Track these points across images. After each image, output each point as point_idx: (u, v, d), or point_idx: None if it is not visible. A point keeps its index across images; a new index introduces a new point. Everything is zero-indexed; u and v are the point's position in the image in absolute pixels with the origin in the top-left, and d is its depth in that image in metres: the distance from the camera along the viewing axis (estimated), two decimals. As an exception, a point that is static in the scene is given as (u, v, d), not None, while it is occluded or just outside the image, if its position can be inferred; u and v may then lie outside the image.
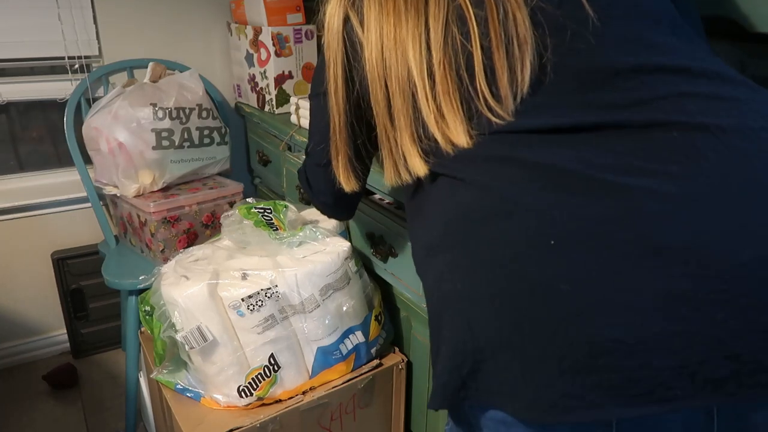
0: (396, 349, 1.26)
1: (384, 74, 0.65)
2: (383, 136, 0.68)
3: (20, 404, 1.70)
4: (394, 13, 0.63)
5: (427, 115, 0.62)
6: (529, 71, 0.58)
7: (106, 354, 1.93)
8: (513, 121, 0.58)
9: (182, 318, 1.01)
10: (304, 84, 1.72)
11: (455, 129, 0.61)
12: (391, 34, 0.63)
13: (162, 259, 1.48)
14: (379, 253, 1.17)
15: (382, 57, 0.64)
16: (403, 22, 0.62)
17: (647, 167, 0.52)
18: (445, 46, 0.61)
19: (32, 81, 1.70)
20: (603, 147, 0.54)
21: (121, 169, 1.50)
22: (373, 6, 0.64)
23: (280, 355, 1.06)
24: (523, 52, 0.58)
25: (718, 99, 0.55)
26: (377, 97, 0.66)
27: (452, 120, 0.61)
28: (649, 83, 0.56)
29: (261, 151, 1.81)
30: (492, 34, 0.59)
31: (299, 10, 1.66)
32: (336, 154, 0.77)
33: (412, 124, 0.64)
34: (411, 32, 0.62)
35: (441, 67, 0.61)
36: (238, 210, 1.15)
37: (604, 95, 0.56)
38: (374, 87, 0.66)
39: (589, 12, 0.57)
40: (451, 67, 0.61)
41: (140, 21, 1.76)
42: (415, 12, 0.62)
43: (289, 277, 1.04)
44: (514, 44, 0.58)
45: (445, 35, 0.61)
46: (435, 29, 0.61)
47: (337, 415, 1.15)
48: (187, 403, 1.09)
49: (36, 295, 1.85)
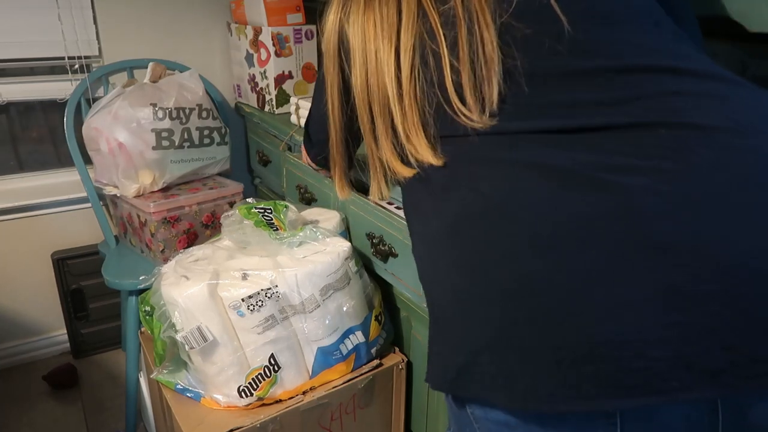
0: (396, 349, 1.26)
1: (368, 99, 0.69)
2: (370, 155, 0.74)
3: (20, 404, 1.70)
4: (374, 39, 0.66)
5: (401, 136, 0.67)
6: (496, 89, 0.59)
7: (106, 354, 1.93)
8: (497, 125, 0.60)
9: (182, 318, 1.01)
10: (304, 84, 1.72)
11: (422, 151, 0.65)
12: (372, 62, 0.67)
13: (162, 259, 1.48)
14: (380, 253, 1.17)
15: (366, 83, 0.68)
16: (380, 50, 0.66)
17: (638, 165, 0.53)
18: (412, 72, 0.64)
19: (32, 81, 1.70)
20: (593, 146, 0.55)
21: (121, 169, 1.50)
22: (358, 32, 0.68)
23: (280, 356, 1.06)
24: (489, 71, 0.60)
25: (707, 97, 0.55)
26: (363, 119, 0.71)
27: (418, 143, 0.65)
28: (636, 83, 0.56)
29: (261, 151, 1.81)
30: (460, 53, 0.61)
31: (299, 10, 1.66)
32: (333, 165, 0.83)
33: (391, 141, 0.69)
34: (385, 60, 0.65)
35: (408, 96, 0.65)
36: (238, 210, 1.15)
37: (591, 95, 0.57)
38: (361, 110, 0.70)
39: (564, 24, 0.58)
40: (417, 94, 0.64)
41: (140, 21, 1.76)
42: (388, 40, 0.65)
43: (289, 277, 1.04)
44: (480, 63, 0.60)
45: (413, 62, 0.64)
46: (404, 57, 0.64)
47: (337, 415, 1.15)
48: (187, 403, 1.09)
49: (36, 295, 1.85)
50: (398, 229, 1.11)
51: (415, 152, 0.65)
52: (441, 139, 0.65)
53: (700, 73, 0.57)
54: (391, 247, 1.15)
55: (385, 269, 1.20)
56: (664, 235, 0.50)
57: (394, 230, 1.13)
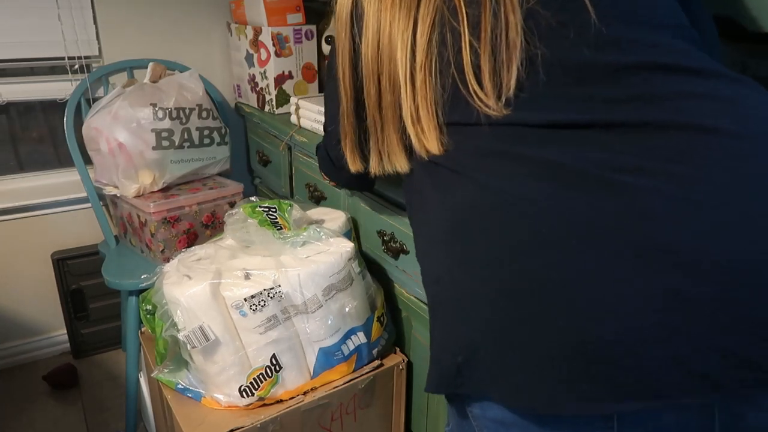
0: (397, 350, 1.26)
1: (378, 70, 0.66)
2: (372, 127, 0.71)
3: (20, 404, 1.70)
4: (391, 9, 0.64)
5: (405, 116, 0.64)
6: (515, 75, 0.58)
7: (106, 354, 1.93)
8: (510, 115, 0.58)
9: (184, 317, 1.01)
10: (304, 84, 1.72)
11: (429, 134, 0.63)
12: (386, 32, 0.64)
13: (162, 259, 1.48)
14: (390, 250, 1.17)
15: (378, 54, 0.66)
16: (396, 21, 0.63)
17: (647, 166, 0.52)
18: (429, 48, 0.61)
19: (32, 81, 1.70)
20: (603, 144, 0.55)
21: (121, 170, 1.50)
22: (373, 1, 0.66)
23: (281, 356, 1.06)
24: (510, 56, 0.58)
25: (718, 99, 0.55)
26: (369, 91, 0.69)
27: (427, 124, 0.63)
28: (649, 81, 0.56)
29: (261, 152, 1.81)
30: (482, 35, 0.59)
31: (299, 10, 1.66)
32: (344, 136, 0.80)
33: (398, 120, 0.67)
34: (401, 32, 0.62)
35: (422, 71, 0.62)
36: (242, 208, 1.15)
37: (607, 91, 0.56)
38: (368, 81, 0.68)
39: (591, 17, 0.57)
40: (433, 71, 0.62)
41: (140, 21, 1.76)
42: (407, 11, 0.62)
43: (292, 277, 1.04)
44: (502, 47, 0.58)
45: (430, 36, 0.61)
46: (422, 31, 0.61)
47: (338, 416, 1.15)
48: (188, 403, 1.09)
49: (36, 296, 1.85)
50: (409, 226, 1.11)
51: (421, 135, 0.63)
52: (448, 126, 0.63)
53: (712, 75, 0.57)
54: (402, 244, 1.15)
55: (396, 266, 1.20)
56: (666, 236, 0.50)
57: (405, 227, 1.13)
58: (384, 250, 1.21)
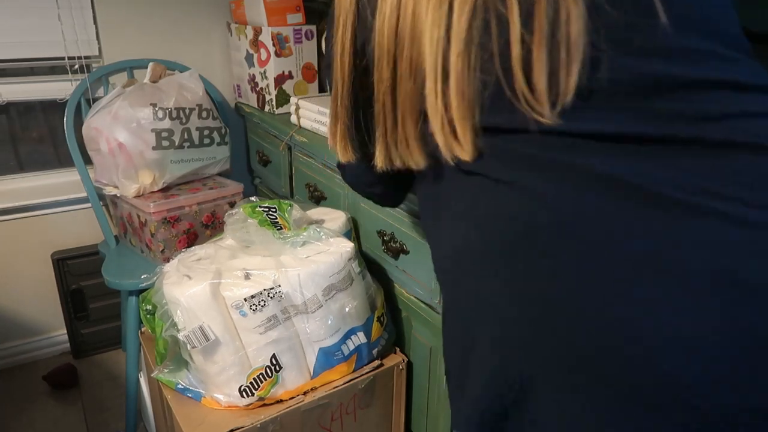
0: (397, 350, 1.26)
1: (394, 51, 0.56)
2: (380, 116, 0.60)
3: (20, 404, 1.70)
4: None
5: (432, 114, 0.54)
6: (574, 79, 0.49)
7: (106, 354, 1.93)
8: (563, 123, 0.50)
9: (184, 317, 1.01)
10: (304, 84, 1.72)
11: (463, 138, 0.53)
12: (409, 5, 0.53)
13: (162, 259, 1.48)
14: (391, 250, 1.17)
15: (396, 31, 0.55)
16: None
17: (721, 191, 0.47)
18: (468, 35, 0.51)
19: (32, 81, 1.70)
20: (670, 162, 0.48)
21: (121, 170, 1.50)
22: None
23: (281, 356, 1.06)
24: (571, 56, 0.48)
25: None
26: (382, 74, 0.58)
27: (461, 127, 0.53)
28: (720, 99, 0.49)
29: (261, 152, 1.81)
30: (536, 27, 0.49)
31: (299, 10, 1.66)
32: (335, 121, 0.68)
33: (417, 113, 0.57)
34: (431, 10, 0.51)
35: (459, 61, 0.51)
36: (242, 208, 1.15)
37: (673, 105, 0.49)
38: (381, 62, 0.57)
39: (661, 21, 0.49)
40: (473, 64, 0.51)
41: (140, 21, 1.76)
42: None
43: (292, 277, 1.04)
44: (562, 46, 0.49)
45: (471, 23, 0.50)
46: (460, 14, 0.50)
47: (338, 416, 1.16)
48: (188, 403, 1.09)
49: (36, 296, 1.85)
50: (410, 226, 1.11)
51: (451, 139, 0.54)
52: (485, 130, 0.54)
53: None
54: (402, 244, 1.15)
55: (396, 266, 1.20)
56: (747, 273, 0.44)
57: (405, 227, 1.13)
58: (384, 250, 1.21)
